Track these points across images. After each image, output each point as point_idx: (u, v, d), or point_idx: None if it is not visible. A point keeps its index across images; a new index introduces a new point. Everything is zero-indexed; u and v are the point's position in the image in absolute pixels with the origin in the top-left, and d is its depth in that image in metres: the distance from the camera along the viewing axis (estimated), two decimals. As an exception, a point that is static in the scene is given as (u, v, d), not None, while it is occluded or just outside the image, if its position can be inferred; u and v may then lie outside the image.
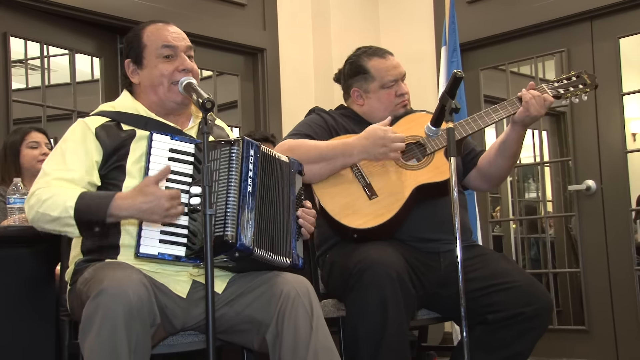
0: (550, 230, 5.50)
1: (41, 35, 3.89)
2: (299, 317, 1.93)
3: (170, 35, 2.14)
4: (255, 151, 1.97)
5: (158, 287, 1.93)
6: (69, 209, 1.88)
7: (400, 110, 2.66)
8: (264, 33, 4.69)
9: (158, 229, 1.89)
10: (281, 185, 2.09)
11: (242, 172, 1.92)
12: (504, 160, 2.59)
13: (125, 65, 2.17)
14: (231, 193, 1.88)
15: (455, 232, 2.07)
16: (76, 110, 3.95)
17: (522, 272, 2.54)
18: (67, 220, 1.89)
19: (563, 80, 2.60)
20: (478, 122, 2.55)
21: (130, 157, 2.02)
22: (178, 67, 2.11)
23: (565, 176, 5.30)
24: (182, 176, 1.96)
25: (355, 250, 2.37)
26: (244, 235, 1.88)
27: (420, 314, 2.56)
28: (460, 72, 2.13)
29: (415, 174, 2.48)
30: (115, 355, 1.68)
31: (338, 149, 2.47)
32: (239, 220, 1.88)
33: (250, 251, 1.91)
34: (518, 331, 2.38)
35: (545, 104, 2.47)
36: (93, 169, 2.02)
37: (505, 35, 4.45)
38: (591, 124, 4.14)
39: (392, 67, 2.68)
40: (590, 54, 4.14)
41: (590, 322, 4.12)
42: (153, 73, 2.11)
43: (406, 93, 2.68)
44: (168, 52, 2.12)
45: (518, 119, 2.49)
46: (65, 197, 1.90)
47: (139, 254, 1.87)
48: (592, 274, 4.12)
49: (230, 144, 1.94)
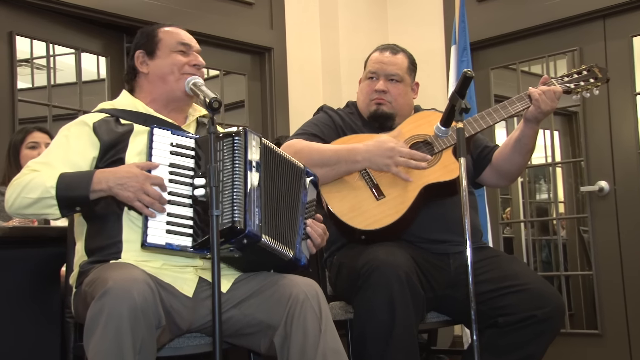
0: (562, 232, 5.48)
1: (47, 35, 3.91)
2: (307, 320, 1.94)
3: (186, 36, 2.26)
4: (258, 141, 2.01)
5: (164, 287, 1.93)
6: (50, 189, 1.92)
7: (372, 107, 2.65)
8: (272, 32, 4.69)
9: (164, 219, 1.91)
10: (288, 181, 2.11)
11: (246, 161, 1.94)
12: (521, 156, 2.60)
13: (136, 56, 2.23)
14: (237, 181, 1.90)
15: (465, 234, 2.06)
16: (82, 110, 3.95)
17: (533, 275, 2.52)
18: (48, 201, 1.93)
19: (573, 74, 2.59)
20: (486, 119, 2.54)
21: (129, 150, 2.05)
22: (191, 62, 2.20)
23: (578, 177, 5.29)
24: (185, 169, 1.99)
25: (363, 252, 2.37)
26: (252, 222, 1.90)
27: (429, 316, 2.55)
28: (470, 72, 2.13)
29: (422, 174, 2.48)
30: (120, 357, 1.68)
31: (342, 155, 2.48)
32: (246, 207, 1.90)
33: (258, 237, 1.92)
34: (529, 335, 2.36)
35: (555, 96, 2.47)
36: (79, 167, 2.03)
37: (516, 34, 4.44)
38: (604, 123, 4.12)
39: (378, 61, 2.68)
40: (603, 53, 4.12)
41: (604, 326, 4.10)
42: (165, 62, 2.19)
43: (382, 91, 2.64)
44: (183, 48, 2.22)
45: (531, 117, 2.49)
46: (44, 179, 1.94)
47: (147, 244, 1.88)
48: (605, 277, 4.10)
49: (233, 134, 1.96)
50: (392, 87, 2.65)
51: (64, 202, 1.93)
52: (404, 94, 2.68)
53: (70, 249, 2.17)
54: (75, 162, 2.04)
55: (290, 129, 4.58)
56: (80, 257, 2.07)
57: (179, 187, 1.97)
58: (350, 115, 2.71)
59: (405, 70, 2.69)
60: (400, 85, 2.67)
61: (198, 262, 2.04)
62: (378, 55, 2.71)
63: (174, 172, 1.98)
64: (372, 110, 2.65)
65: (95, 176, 1.94)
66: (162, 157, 1.97)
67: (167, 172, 1.96)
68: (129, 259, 1.96)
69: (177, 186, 1.96)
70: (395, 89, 2.66)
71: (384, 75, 2.66)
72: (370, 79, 2.68)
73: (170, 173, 1.97)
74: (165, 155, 1.98)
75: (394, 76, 2.66)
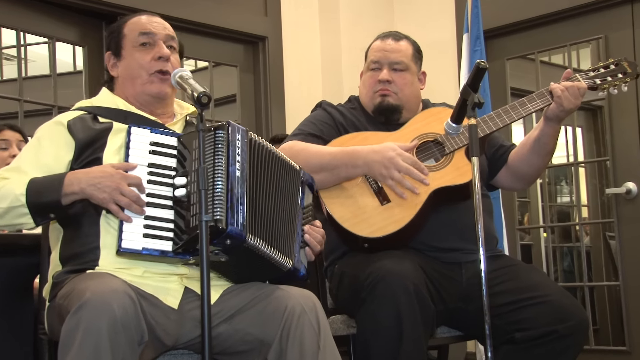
0: (585, 239, 5.48)
1: (18, 22, 3.90)
2: (304, 335, 1.94)
3: (150, 23, 2.23)
4: (243, 136, 2.02)
5: (146, 299, 1.93)
6: (20, 197, 1.93)
7: (377, 99, 2.66)
8: (266, 19, 4.69)
9: (141, 222, 1.92)
10: (282, 181, 2.13)
11: (229, 156, 1.95)
12: (540, 158, 2.61)
13: (106, 58, 2.26)
14: (219, 177, 1.91)
15: (478, 241, 2.06)
16: (57, 105, 3.95)
17: (554, 286, 2.53)
18: (19, 210, 1.94)
19: (600, 69, 2.58)
20: (503, 117, 2.55)
21: (107, 149, 2.06)
22: (155, 56, 2.18)
23: (603, 178, 5.29)
24: (166, 169, 2.00)
25: (367, 260, 2.37)
26: (234, 220, 1.90)
27: (439, 331, 2.56)
28: (483, 63, 2.13)
29: (432, 176, 2.48)
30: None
31: (341, 158, 2.48)
32: (228, 205, 1.90)
33: (242, 237, 1.92)
34: (550, 351, 2.37)
35: (580, 93, 2.48)
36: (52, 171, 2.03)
37: (534, 20, 4.45)
38: (632, 119, 4.12)
39: (380, 49, 2.69)
40: (631, 41, 4.13)
41: (632, 342, 4.10)
42: (131, 64, 2.20)
43: (387, 81, 2.64)
44: (145, 39, 2.20)
45: (552, 115, 2.50)
46: (14, 186, 1.95)
47: (122, 249, 1.89)
48: (633, 288, 4.10)
49: (215, 128, 1.97)
50: (397, 76, 2.66)
51: (35, 210, 1.94)
52: (410, 84, 2.69)
53: (44, 259, 2.17)
54: (48, 166, 2.05)
55: (286, 125, 4.58)
56: (55, 266, 2.06)
57: (159, 188, 1.98)
58: (352, 110, 2.72)
59: (410, 57, 2.70)
60: (405, 74, 2.67)
61: (183, 270, 2.04)
62: (380, 43, 2.72)
63: (154, 172, 1.99)
64: (376, 103, 2.66)
65: (66, 178, 1.94)
66: (140, 157, 1.98)
67: (145, 173, 1.98)
68: (107, 267, 1.96)
69: (156, 187, 1.98)
70: (401, 79, 2.66)
71: (388, 64, 2.66)
72: (373, 70, 2.69)
73: (149, 174, 1.98)
74: (144, 155, 1.99)
75: (398, 64, 2.67)
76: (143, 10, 2.33)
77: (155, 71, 2.17)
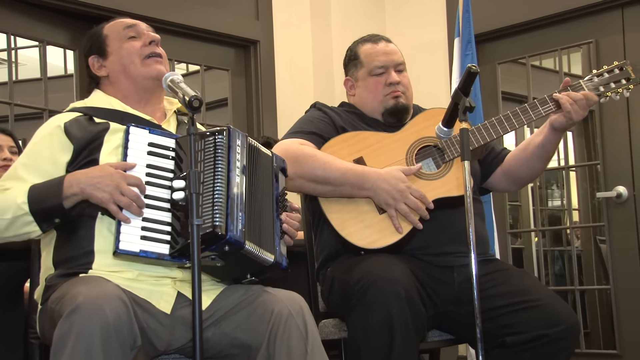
0: (576, 243, 5.51)
1: (8, 25, 3.89)
2: (292, 339, 1.94)
3: (129, 19, 2.28)
4: (242, 141, 2.03)
5: (139, 304, 1.93)
6: (22, 205, 1.92)
7: (390, 102, 2.67)
8: (257, 23, 4.70)
9: (139, 224, 1.92)
10: (265, 178, 2.13)
11: (229, 162, 1.96)
12: (542, 162, 2.66)
13: (90, 63, 2.26)
14: (219, 183, 1.92)
15: (469, 244, 2.07)
16: (47, 109, 3.95)
17: (545, 290, 2.54)
18: (24, 219, 1.93)
19: (604, 73, 2.55)
20: (504, 124, 2.53)
21: (104, 149, 2.06)
22: (145, 42, 2.22)
23: (594, 182, 5.31)
24: (163, 171, 2.00)
25: (358, 264, 2.37)
26: (234, 227, 1.91)
27: (431, 335, 2.56)
28: (475, 67, 2.14)
29: (431, 185, 2.48)
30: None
31: (350, 179, 2.45)
32: (229, 211, 1.91)
33: (241, 244, 1.93)
34: (540, 355, 2.37)
35: (588, 104, 2.48)
36: (51, 175, 2.03)
37: (525, 25, 4.47)
38: (622, 123, 4.14)
39: (382, 53, 2.70)
40: (622, 46, 4.15)
41: (622, 346, 4.11)
42: (121, 54, 2.21)
43: (398, 83, 2.67)
44: (132, 32, 2.24)
45: (559, 126, 2.50)
46: (14, 195, 1.94)
47: (119, 251, 1.89)
48: (623, 292, 4.12)
49: (215, 133, 1.98)
50: (402, 77, 2.71)
51: (39, 216, 1.93)
52: (410, 83, 2.75)
53: (34, 262, 2.16)
54: (47, 171, 2.04)
55: (278, 129, 4.58)
56: (47, 269, 2.06)
57: (157, 189, 1.98)
58: (347, 113, 2.72)
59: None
60: (406, 74, 2.74)
61: (176, 274, 2.04)
62: (379, 47, 2.72)
63: (151, 173, 1.99)
64: (390, 106, 2.67)
65: (65, 180, 1.94)
66: (138, 158, 1.98)
67: (144, 174, 1.98)
68: (100, 269, 1.96)
69: (154, 189, 1.98)
70: (405, 79, 2.72)
71: (393, 66, 2.69)
72: (378, 75, 2.69)
73: (147, 175, 1.98)
74: (142, 156, 1.99)
75: (401, 65, 2.72)
76: (135, 13, 2.34)
77: (148, 54, 2.20)
